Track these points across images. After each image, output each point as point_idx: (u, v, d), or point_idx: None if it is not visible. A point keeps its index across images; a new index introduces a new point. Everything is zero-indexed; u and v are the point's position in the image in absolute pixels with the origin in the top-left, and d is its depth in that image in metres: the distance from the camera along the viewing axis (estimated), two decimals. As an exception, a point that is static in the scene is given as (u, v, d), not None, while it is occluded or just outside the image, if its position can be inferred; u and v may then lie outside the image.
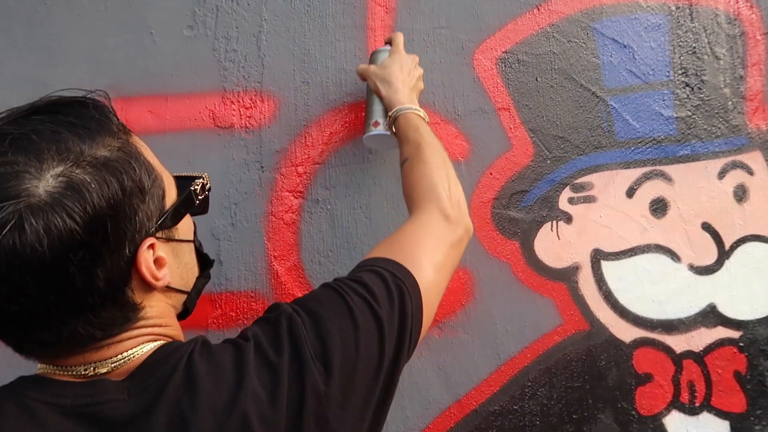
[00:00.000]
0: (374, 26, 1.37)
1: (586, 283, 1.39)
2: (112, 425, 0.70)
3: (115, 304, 0.72)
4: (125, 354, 0.74)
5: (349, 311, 0.80)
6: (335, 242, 1.31)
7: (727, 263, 1.45)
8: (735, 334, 1.43)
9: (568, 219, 1.40)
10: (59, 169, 0.66)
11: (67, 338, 0.70)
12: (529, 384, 1.34)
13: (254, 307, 1.26)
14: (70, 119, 0.71)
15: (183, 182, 0.84)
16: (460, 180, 1.34)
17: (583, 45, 1.45)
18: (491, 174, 1.38)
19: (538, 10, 1.44)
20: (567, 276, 1.38)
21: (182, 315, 0.86)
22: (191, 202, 0.83)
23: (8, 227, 0.63)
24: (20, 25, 1.28)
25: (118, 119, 0.76)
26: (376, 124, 1.19)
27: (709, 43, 1.50)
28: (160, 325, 0.78)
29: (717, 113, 1.48)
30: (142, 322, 0.76)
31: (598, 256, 1.40)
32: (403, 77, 1.20)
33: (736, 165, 1.48)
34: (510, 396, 1.34)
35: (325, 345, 0.76)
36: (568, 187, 1.41)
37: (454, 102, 1.38)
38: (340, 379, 0.75)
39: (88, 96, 0.76)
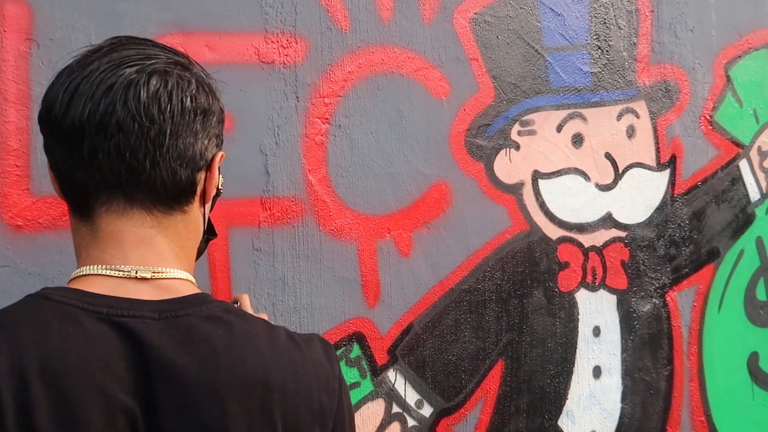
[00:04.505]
0: (380, -15, 1.69)
1: (528, 196, 1.86)
2: (139, 340, 0.76)
3: (188, 170, 0.83)
4: (164, 269, 0.83)
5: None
6: (353, 160, 1.65)
7: (620, 183, 1.99)
8: (623, 234, 1.98)
9: (517, 147, 1.85)
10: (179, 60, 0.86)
11: (152, 177, 0.80)
12: (489, 269, 1.81)
13: (294, 209, 1.59)
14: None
15: None
16: (443, 115, 1.74)
17: (531, 12, 1.87)
18: (465, 110, 1.78)
19: (502, -18, 1.84)
20: (515, 190, 1.84)
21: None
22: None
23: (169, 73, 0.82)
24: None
25: None
26: None
27: (615, 16, 1.98)
28: (186, 252, 0.87)
29: (617, 71, 1.98)
30: (181, 227, 0.86)
31: (536, 176, 1.87)
32: None
33: (628, 110, 2.00)
34: (475, 278, 1.79)
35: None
36: (517, 123, 1.85)
37: (438, 52, 1.75)
38: None
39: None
